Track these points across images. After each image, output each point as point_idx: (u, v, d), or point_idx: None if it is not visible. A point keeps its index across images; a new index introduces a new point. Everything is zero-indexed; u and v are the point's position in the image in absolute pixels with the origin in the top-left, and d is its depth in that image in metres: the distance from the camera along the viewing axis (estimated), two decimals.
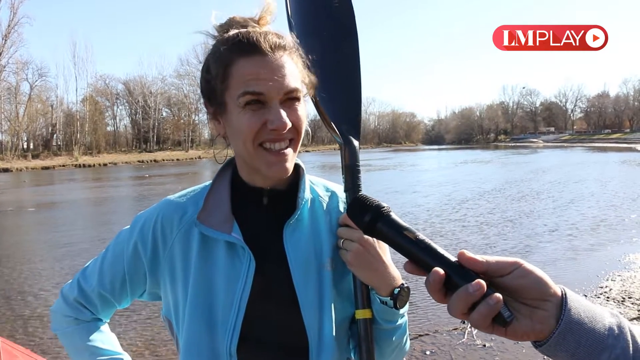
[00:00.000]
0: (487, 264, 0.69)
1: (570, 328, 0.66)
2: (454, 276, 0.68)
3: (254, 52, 0.97)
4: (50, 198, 20.57)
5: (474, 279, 0.66)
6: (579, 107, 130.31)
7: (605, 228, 10.25)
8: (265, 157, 1.00)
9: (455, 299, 0.67)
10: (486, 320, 0.66)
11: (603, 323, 0.67)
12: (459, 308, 0.66)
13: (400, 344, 1.13)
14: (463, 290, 0.66)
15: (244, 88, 0.96)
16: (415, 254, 0.73)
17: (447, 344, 4.78)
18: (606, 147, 64.30)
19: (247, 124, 0.97)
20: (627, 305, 5.74)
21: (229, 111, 1.00)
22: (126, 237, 1.13)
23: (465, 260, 0.69)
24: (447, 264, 0.70)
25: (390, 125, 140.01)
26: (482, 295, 0.65)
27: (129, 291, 1.15)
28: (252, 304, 1.03)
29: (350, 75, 1.25)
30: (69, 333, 1.21)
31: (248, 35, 0.98)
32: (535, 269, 0.68)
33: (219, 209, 1.07)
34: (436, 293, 0.69)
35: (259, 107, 0.97)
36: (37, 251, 9.85)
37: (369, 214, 0.81)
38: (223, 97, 1.00)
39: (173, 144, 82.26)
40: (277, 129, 0.97)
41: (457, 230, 10.37)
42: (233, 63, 0.97)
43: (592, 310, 0.68)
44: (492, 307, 0.65)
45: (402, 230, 0.76)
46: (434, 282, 0.68)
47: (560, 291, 0.68)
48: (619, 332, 0.66)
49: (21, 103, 64.84)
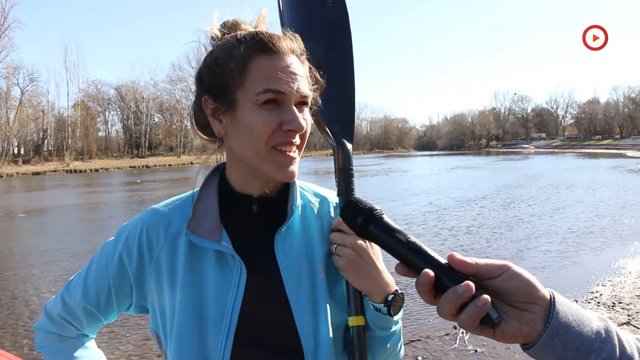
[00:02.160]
0: (477, 266, 0.70)
1: (557, 331, 0.66)
2: (444, 278, 0.70)
3: (274, 52, 0.96)
4: (41, 204, 20.38)
5: (463, 280, 0.68)
6: (569, 114, 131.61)
7: (595, 234, 10.30)
8: (278, 158, 0.97)
9: (444, 300, 0.68)
10: (474, 321, 0.67)
11: (590, 327, 0.67)
12: (447, 309, 0.68)
13: (394, 351, 1.12)
14: (452, 291, 0.67)
15: (265, 85, 0.94)
16: (406, 255, 0.74)
17: (439, 349, 4.77)
18: (597, 153, 64.69)
19: (263, 123, 0.94)
20: (617, 310, 5.77)
21: (239, 109, 0.97)
22: (111, 249, 1.09)
23: (455, 263, 0.70)
24: (437, 266, 0.71)
25: (382, 131, 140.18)
26: (470, 296, 0.66)
27: (115, 305, 1.11)
28: (244, 315, 1.00)
29: (344, 77, 1.23)
30: (53, 351, 1.17)
31: (269, 35, 0.97)
32: (524, 271, 0.69)
33: (207, 217, 1.04)
34: (426, 294, 0.70)
35: (275, 107, 0.95)
36: (27, 257, 9.73)
37: (362, 216, 0.82)
38: (235, 93, 0.97)
39: (165, 149, 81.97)
40: (295, 129, 0.96)
41: (448, 236, 10.39)
42: (252, 59, 0.95)
43: (580, 313, 0.69)
44: (480, 308, 0.66)
45: (394, 233, 0.78)
46: (424, 283, 0.69)
47: (549, 294, 0.69)
48: (606, 336, 0.67)
49: (12, 108, 64.46)
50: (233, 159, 1.06)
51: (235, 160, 1.05)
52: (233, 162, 1.07)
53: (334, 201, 1.15)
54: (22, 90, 66.52)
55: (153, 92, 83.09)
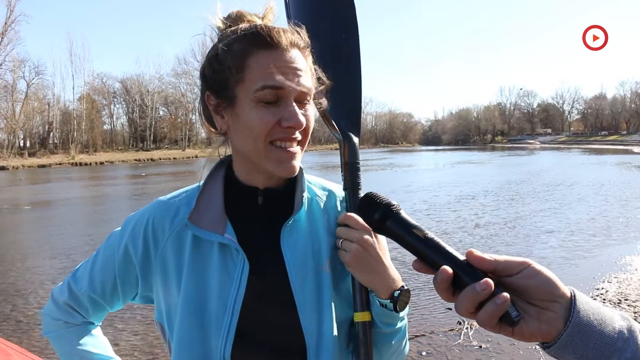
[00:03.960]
0: (496, 263, 0.68)
1: (578, 330, 0.64)
2: (462, 275, 0.68)
3: (274, 46, 0.94)
4: (46, 196, 20.48)
5: (482, 278, 0.66)
6: (575, 109, 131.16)
7: (602, 230, 10.25)
8: (276, 154, 0.96)
9: (463, 297, 0.66)
10: (493, 319, 0.65)
11: (613, 326, 0.65)
12: (466, 307, 0.66)
13: (399, 347, 1.10)
14: (470, 289, 0.66)
15: (263, 82, 0.92)
16: (424, 252, 0.73)
17: (444, 345, 4.77)
18: (603, 149, 64.40)
19: (261, 120, 0.93)
20: (623, 307, 5.74)
21: (238, 105, 0.96)
22: (117, 240, 1.10)
23: (474, 259, 0.69)
24: (456, 263, 0.70)
25: (387, 126, 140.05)
26: (489, 294, 0.65)
27: (121, 294, 1.12)
28: (247, 308, 0.99)
29: (350, 70, 1.22)
30: (59, 337, 1.18)
31: (269, 29, 0.95)
32: (544, 269, 0.67)
33: (211, 209, 1.03)
34: (444, 292, 0.69)
35: (273, 103, 0.94)
36: (32, 250, 9.78)
37: (379, 212, 0.81)
38: (235, 89, 0.96)
39: (170, 142, 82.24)
40: (294, 126, 0.94)
41: (453, 232, 10.37)
42: (251, 55, 0.94)
43: (602, 312, 0.67)
44: (499, 306, 0.64)
45: (411, 229, 0.76)
46: (442, 280, 0.68)
47: (570, 292, 0.67)
48: (629, 336, 0.65)
49: (18, 101, 64.81)
50: (237, 153, 1.06)
51: (238, 154, 1.05)
52: (237, 156, 1.06)
53: (341, 195, 1.13)
54: (28, 83, 66.87)
55: (158, 85, 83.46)
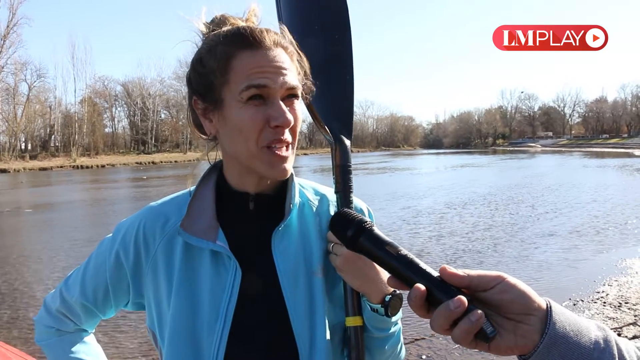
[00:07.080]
0: (470, 278, 0.68)
1: (554, 342, 0.64)
2: (436, 292, 0.68)
3: (257, 46, 0.93)
4: (47, 199, 20.51)
5: (456, 294, 0.66)
6: (577, 112, 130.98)
7: (602, 233, 10.24)
8: (268, 157, 0.95)
9: (437, 315, 0.66)
10: (468, 336, 0.65)
11: (589, 337, 0.65)
12: (440, 324, 0.66)
13: (393, 352, 1.09)
14: (444, 306, 0.65)
15: (247, 82, 0.92)
16: (397, 269, 0.73)
17: (444, 348, 4.75)
18: (604, 152, 64.37)
19: (251, 120, 0.93)
20: (623, 310, 5.72)
21: (226, 107, 0.95)
22: (108, 246, 1.09)
23: (447, 276, 0.68)
24: (429, 279, 0.69)
25: (388, 129, 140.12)
26: (463, 311, 0.64)
27: (113, 301, 1.11)
28: (239, 315, 0.98)
29: (343, 71, 1.20)
30: (51, 345, 1.16)
31: (250, 29, 0.94)
32: (518, 282, 0.67)
33: (202, 215, 1.02)
34: (418, 309, 0.69)
35: (260, 102, 0.93)
36: (33, 252, 9.79)
37: (352, 229, 0.81)
38: (221, 92, 0.95)
39: (171, 145, 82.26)
40: (282, 125, 0.93)
41: (451, 236, 10.35)
42: (234, 56, 0.93)
43: (578, 323, 0.66)
44: (474, 323, 0.64)
45: (384, 245, 0.76)
46: (415, 298, 0.68)
47: (545, 304, 0.66)
48: (605, 346, 0.64)
49: (19, 104, 65.12)
50: (227, 157, 1.05)
51: (229, 157, 1.04)
52: (228, 160, 1.05)
53: (333, 198, 1.12)
54: (29, 86, 67.21)
55: (160, 88, 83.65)
